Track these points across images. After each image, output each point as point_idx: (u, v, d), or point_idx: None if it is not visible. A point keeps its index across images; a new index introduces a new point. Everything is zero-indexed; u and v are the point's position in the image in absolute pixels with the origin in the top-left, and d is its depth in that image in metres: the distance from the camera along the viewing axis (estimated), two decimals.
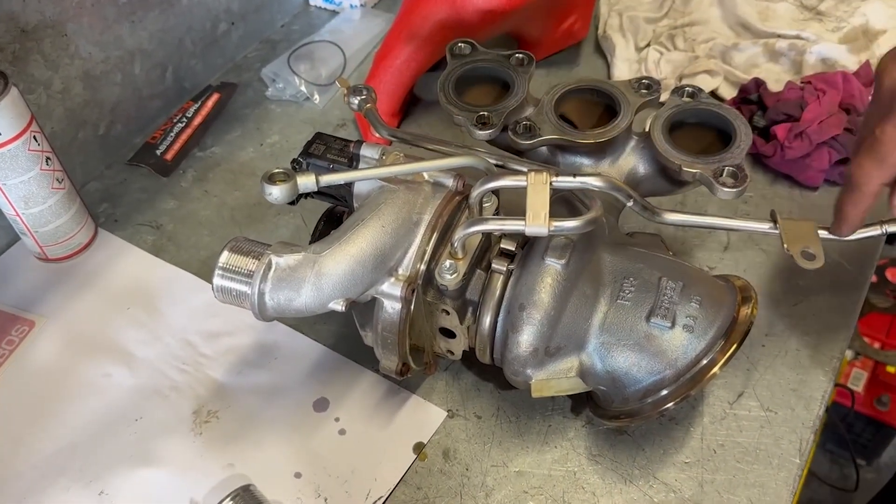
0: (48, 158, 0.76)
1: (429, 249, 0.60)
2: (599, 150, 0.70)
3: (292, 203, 0.63)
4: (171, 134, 0.97)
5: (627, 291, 0.61)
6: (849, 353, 1.85)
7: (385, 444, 0.68)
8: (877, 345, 1.86)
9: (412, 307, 0.60)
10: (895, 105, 0.56)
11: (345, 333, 0.76)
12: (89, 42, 0.87)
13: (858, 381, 1.83)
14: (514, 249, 0.63)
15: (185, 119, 0.99)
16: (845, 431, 1.78)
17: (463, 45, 0.75)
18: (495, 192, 0.64)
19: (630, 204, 0.62)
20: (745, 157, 0.64)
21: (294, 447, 0.68)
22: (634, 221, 0.79)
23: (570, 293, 0.61)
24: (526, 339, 0.60)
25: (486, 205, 0.64)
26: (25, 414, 0.71)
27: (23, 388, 0.73)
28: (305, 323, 0.77)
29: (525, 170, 0.59)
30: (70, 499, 0.65)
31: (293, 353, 0.75)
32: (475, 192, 0.60)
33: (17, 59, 0.79)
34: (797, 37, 1.02)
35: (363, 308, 0.63)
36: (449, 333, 0.65)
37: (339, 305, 0.58)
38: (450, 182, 0.63)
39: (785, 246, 0.60)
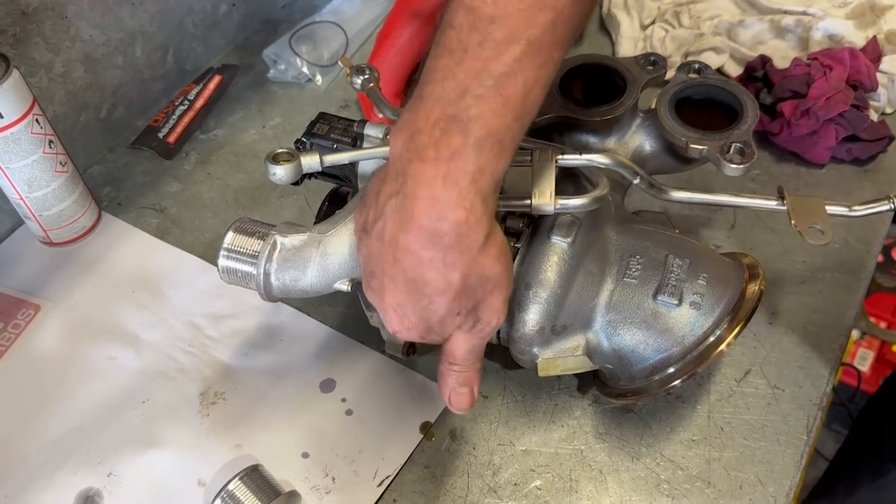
0: (51, 142, 0.76)
1: None
2: (605, 128, 0.69)
3: (296, 184, 0.62)
4: (174, 117, 0.96)
5: (634, 269, 0.61)
6: (855, 333, 1.85)
7: (392, 424, 0.68)
8: (883, 324, 1.86)
9: None
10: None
11: (350, 314, 0.76)
12: (90, 24, 0.86)
13: (864, 361, 1.83)
14: (519, 228, 0.63)
15: (187, 102, 0.98)
16: (852, 411, 1.78)
17: None
18: None
19: (636, 181, 0.61)
20: (752, 135, 0.63)
21: (301, 428, 0.68)
22: (640, 200, 0.78)
23: (576, 271, 0.60)
24: (532, 317, 0.60)
25: None
26: (32, 398, 0.71)
27: (29, 372, 0.73)
28: (311, 304, 0.77)
29: (531, 147, 0.59)
30: (78, 481, 0.65)
31: (299, 335, 0.75)
32: None
33: (18, 41, 0.79)
34: (803, 13, 1.01)
35: None
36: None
37: (344, 286, 0.58)
38: None
39: (793, 222, 0.60)
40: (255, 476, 0.62)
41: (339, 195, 0.71)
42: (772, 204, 0.62)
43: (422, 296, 0.49)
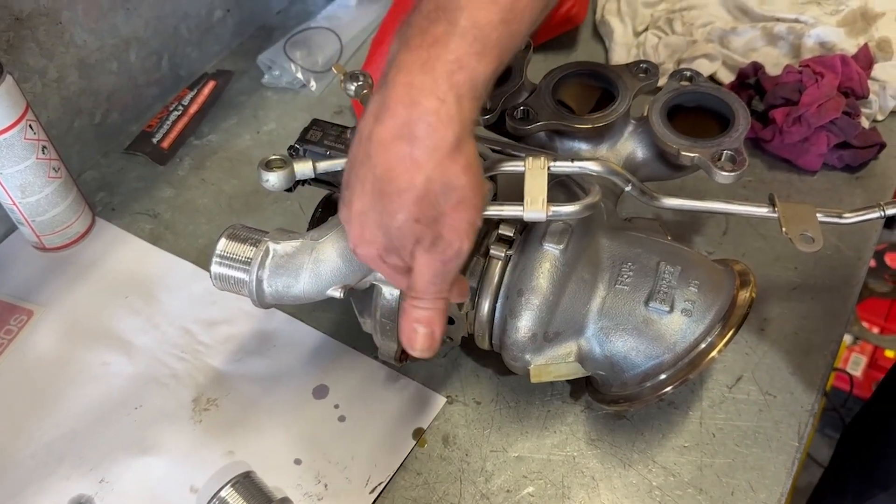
0: (44, 147, 0.76)
1: None
2: (597, 135, 0.69)
3: (289, 190, 0.63)
4: (168, 122, 0.96)
5: (626, 276, 0.61)
6: (848, 338, 1.85)
7: (385, 431, 0.68)
8: (875, 329, 1.87)
9: None
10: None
11: (343, 320, 0.76)
12: (84, 30, 0.86)
13: (857, 366, 1.84)
14: (512, 235, 0.63)
15: (181, 107, 0.98)
16: (844, 416, 1.79)
17: None
18: (493, 177, 0.63)
19: (628, 188, 0.62)
20: (744, 142, 0.63)
21: (294, 434, 0.68)
22: (633, 206, 0.79)
23: (568, 278, 0.61)
24: (524, 324, 0.60)
25: None
26: (25, 403, 0.71)
27: (22, 377, 0.73)
28: (304, 310, 0.77)
29: (523, 155, 0.59)
30: (70, 486, 0.65)
31: (292, 341, 0.75)
32: None
33: (11, 47, 0.79)
34: (795, 20, 1.01)
35: (362, 295, 0.63)
36: (448, 320, 0.65)
37: (337, 292, 0.58)
38: None
39: (783, 229, 0.60)
40: (247, 483, 0.62)
41: (332, 201, 0.71)
42: (763, 211, 0.62)
43: (385, 198, 0.48)
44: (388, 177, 0.47)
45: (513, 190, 0.58)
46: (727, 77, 0.98)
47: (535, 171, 0.56)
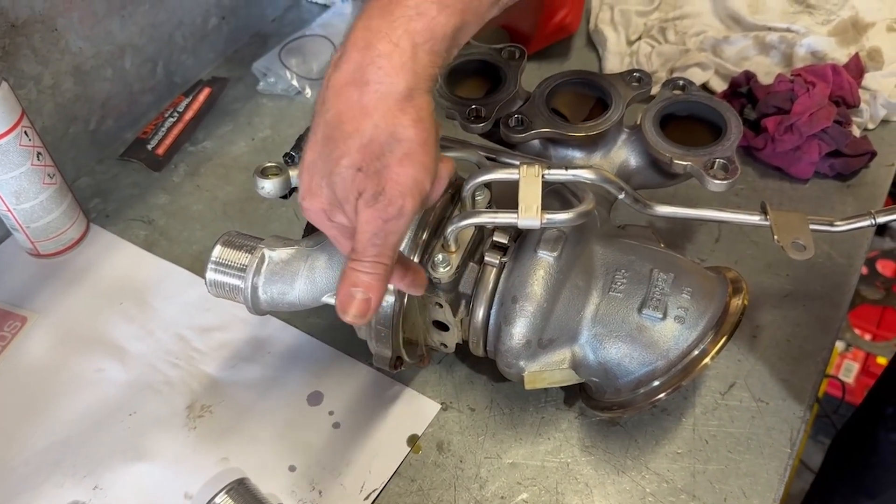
0: (39, 153, 0.76)
1: (421, 242, 0.60)
2: (591, 143, 0.70)
3: (284, 197, 0.63)
4: (163, 129, 0.96)
5: (619, 283, 0.61)
6: (840, 345, 1.86)
7: (379, 437, 0.68)
8: (868, 336, 1.88)
9: (405, 300, 0.60)
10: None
11: (338, 327, 0.76)
12: (79, 37, 0.86)
13: (850, 373, 1.84)
14: (506, 242, 0.63)
15: (176, 114, 0.98)
16: (836, 423, 1.79)
17: None
18: (488, 185, 0.64)
19: (622, 196, 0.62)
20: (736, 150, 0.64)
21: (288, 441, 0.68)
22: (626, 214, 0.79)
23: (562, 285, 0.61)
24: (519, 331, 0.61)
25: (479, 198, 0.64)
26: (18, 410, 0.71)
27: (15, 384, 0.73)
28: (299, 317, 0.77)
29: (517, 163, 0.59)
30: (64, 494, 0.65)
31: (287, 348, 0.75)
32: (468, 185, 0.61)
33: (6, 53, 0.79)
34: (787, 30, 1.02)
35: None
36: (442, 326, 0.65)
37: (332, 299, 0.58)
38: None
39: (775, 237, 0.61)
40: (241, 489, 0.62)
41: None
42: (755, 219, 0.63)
43: (331, 144, 0.47)
44: (336, 122, 0.47)
45: (508, 198, 0.58)
46: (720, 86, 0.99)
47: (529, 179, 0.57)
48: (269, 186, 0.58)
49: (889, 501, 0.98)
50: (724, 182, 0.62)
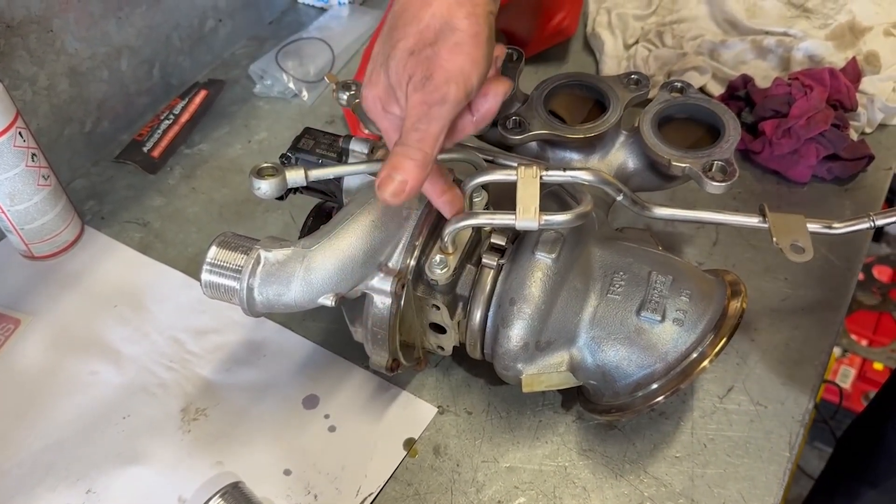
0: (34, 155, 0.75)
1: (419, 244, 0.60)
2: (589, 145, 0.69)
3: (281, 198, 0.62)
4: (159, 131, 0.96)
5: (617, 286, 0.61)
6: (836, 350, 1.86)
7: (375, 441, 0.68)
8: (864, 342, 1.88)
9: (402, 302, 0.60)
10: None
11: (334, 330, 0.76)
12: (75, 38, 0.86)
13: (846, 378, 1.84)
14: (504, 244, 0.63)
15: (172, 116, 0.98)
16: (834, 428, 1.79)
17: None
18: (485, 186, 0.63)
19: (620, 198, 0.62)
20: (734, 153, 0.64)
21: (283, 444, 0.68)
22: (624, 217, 0.79)
23: (560, 287, 0.61)
24: (516, 333, 0.60)
25: (477, 199, 0.64)
26: (11, 412, 0.70)
27: (9, 386, 0.72)
28: (294, 319, 0.77)
29: (515, 164, 0.59)
30: (57, 498, 0.65)
31: (282, 350, 0.75)
32: (465, 187, 0.60)
33: (2, 54, 0.78)
34: (784, 34, 1.02)
35: (353, 304, 0.63)
36: (439, 329, 0.65)
37: (328, 301, 0.58)
38: None
39: (774, 239, 0.60)
40: (236, 493, 0.61)
41: (323, 210, 0.71)
42: (754, 221, 0.63)
43: (393, 32, 0.51)
44: (400, 11, 0.51)
45: (505, 199, 0.58)
46: (717, 89, 0.99)
47: (527, 181, 0.57)
48: (265, 187, 0.57)
49: (892, 490, 0.98)
50: (723, 184, 0.61)
